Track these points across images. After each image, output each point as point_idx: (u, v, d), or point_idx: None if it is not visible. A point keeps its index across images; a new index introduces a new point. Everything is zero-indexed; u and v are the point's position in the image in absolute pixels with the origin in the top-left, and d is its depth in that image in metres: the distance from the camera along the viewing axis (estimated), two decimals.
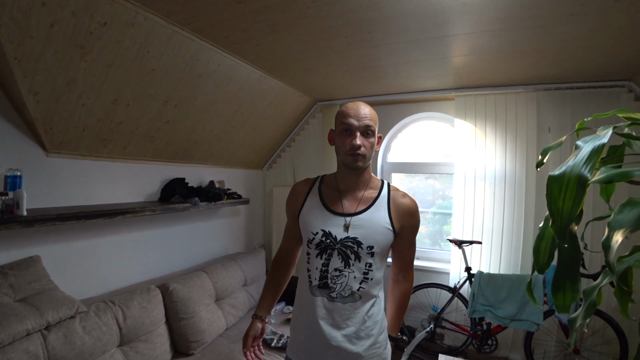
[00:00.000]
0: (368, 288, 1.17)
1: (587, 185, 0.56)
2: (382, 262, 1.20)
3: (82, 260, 2.06)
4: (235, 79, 2.43)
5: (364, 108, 1.17)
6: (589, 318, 0.73)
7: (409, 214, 1.24)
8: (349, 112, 1.16)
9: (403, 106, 3.33)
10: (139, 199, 2.41)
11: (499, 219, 2.87)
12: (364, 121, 1.14)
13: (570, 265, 0.69)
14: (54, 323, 1.59)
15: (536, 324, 2.47)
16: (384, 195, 1.24)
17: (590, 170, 0.56)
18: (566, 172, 0.59)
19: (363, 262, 1.16)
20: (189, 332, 2.17)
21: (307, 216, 1.24)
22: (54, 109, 1.72)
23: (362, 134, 1.15)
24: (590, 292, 0.74)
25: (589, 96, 2.61)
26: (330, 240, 1.17)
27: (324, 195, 1.26)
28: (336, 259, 1.16)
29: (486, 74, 2.58)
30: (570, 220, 0.57)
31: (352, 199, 1.23)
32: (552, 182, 0.61)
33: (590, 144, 0.61)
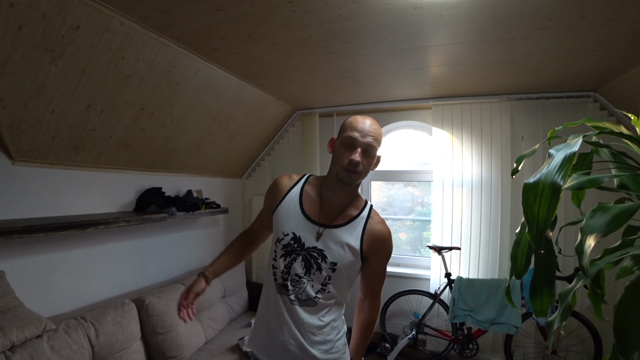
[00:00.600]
0: (324, 299, 1.17)
1: (561, 191, 0.58)
2: (341, 279, 1.18)
3: (51, 275, 1.96)
4: (214, 87, 2.40)
5: (372, 125, 1.15)
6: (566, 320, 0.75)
7: (380, 241, 1.21)
8: (356, 125, 1.14)
9: (382, 115, 3.38)
10: (113, 209, 2.33)
11: (477, 225, 2.93)
12: (368, 139, 1.12)
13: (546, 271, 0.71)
14: (19, 343, 1.50)
15: (515, 327, 2.52)
16: (363, 217, 1.21)
17: (563, 177, 0.58)
18: (541, 180, 0.61)
19: (323, 275, 1.15)
20: (167, 347, 2.09)
21: (282, 215, 1.22)
22: (21, 115, 1.64)
23: (363, 151, 1.12)
24: (566, 295, 0.76)
25: (559, 106, 2.73)
26: (298, 245, 1.17)
27: (305, 198, 1.23)
28: (299, 265, 1.16)
29: (462, 84, 2.66)
30: (545, 227, 0.59)
31: (332, 210, 1.20)
32: (527, 189, 0.62)
33: (562, 152, 0.63)
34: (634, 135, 0.83)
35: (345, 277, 1.18)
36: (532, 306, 0.74)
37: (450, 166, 3.01)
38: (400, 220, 3.65)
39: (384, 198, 3.71)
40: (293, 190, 1.26)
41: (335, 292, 1.18)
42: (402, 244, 3.61)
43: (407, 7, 1.56)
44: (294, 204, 1.22)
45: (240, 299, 2.99)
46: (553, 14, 1.58)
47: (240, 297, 2.99)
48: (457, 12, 1.60)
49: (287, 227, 1.19)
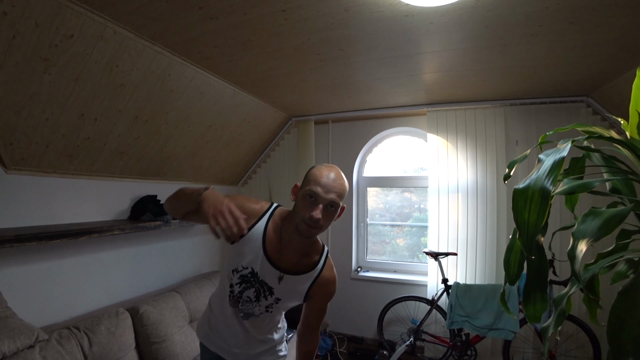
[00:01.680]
0: (268, 318, 1.31)
1: (551, 197, 0.58)
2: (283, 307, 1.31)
3: (44, 284, 1.93)
4: (208, 95, 2.41)
5: (337, 180, 1.13)
6: (561, 326, 0.75)
7: (325, 285, 1.28)
8: (319, 180, 1.11)
9: (377, 121, 3.40)
10: (108, 217, 2.31)
11: (473, 230, 2.93)
12: (331, 195, 1.10)
13: (538, 276, 0.71)
14: (10, 354, 1.47)
15: (513, 332, 2.51)
16: (318, 269, 1.26)
17: (553, 182, 0.58)
18: (530, 185, 0.61)
19: (269, 302, 1.25)
20: (162, 356, 2.06)
21: (245, 248, 1.21)
22: (14, 124, 1.63)
23: (324, 207, 1.10)
24: (560, 301, 0.76)
25: (552, 111, 2.76)
26: (254, 279, 1.23)
27: (267, 237, 1.21)
28: (251, 291, 1.24)
29: (456, 90, 2.68)
30: (536, 232, 0.59)
31: (291, 256, 1.22)
32: (517, 195, 0.62)
33: (552, 157, 0.63)
34: (624, 140, 0.83)
35: (286, 306, 1.31)
36: (525, 312, 0.74)
37: (446, 172, 3.02)
38: (398, 226, 3.64)
39: (381, 204, 3.71)
40: (258, 225, 1.22)
41: (277, 315, 1.35)
42: (400, 250, 3.61)
43: (398, 15, 1.58)
44: (257, 242, 1.21)
45: None
46: (543, 20, 1.60)
47: None
48: (448, 20, 1.62)
49: (247, 262, 1.22)
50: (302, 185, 1.17)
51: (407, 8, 1.52)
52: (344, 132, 3.54)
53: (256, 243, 1.20)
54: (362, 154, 3.55)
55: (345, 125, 3.53)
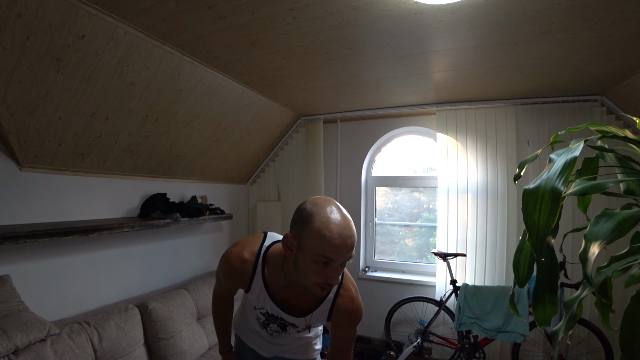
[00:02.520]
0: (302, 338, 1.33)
1: (563, 198, 0.57)
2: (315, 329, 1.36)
3: (56, 279, 1.97)
4: (217, 94, 2.42)
5: (351, 234, 0.92)
6: (571, 330, 0.73)
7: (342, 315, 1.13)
8: (333, 243, 0.89)
9: (385, 121, 3.38)
10: (118, 214, 2.34)
11: (483, 231, 2.90)
12: (349, 254, 0.93)
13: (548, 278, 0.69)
14: (22, 347, 1.50)
15: (522, 335, 2.47)
16: (330, 298, 1.12)
17: (564, 183, 0.57)
18: (540, 186, 0.60)
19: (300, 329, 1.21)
20: (169, 353, 2.08)
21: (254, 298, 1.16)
22: (28, 122, 1.67)
23: (341, 267, 0.96)
24: (571, 304, 0.74)
25: (565, 110, 2.70)
26: (272, 319, 1.19)
27: (270, 286, 1.12)
28: (275, 326, 1.21)
29: (466, 89, 2.65)
30: (546, 233, 0.58)
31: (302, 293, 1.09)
32: (527, 195, 0.61)
33: (563, 157, 0.62)
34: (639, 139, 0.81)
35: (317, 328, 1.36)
36: (534, 315, 0.72)
37: (455, 172, 2.99)
38: (407, 227, 3.62)
39: (390, 204, 3.69)
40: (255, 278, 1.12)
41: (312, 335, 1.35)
42: (409, 250, 3.58)
43: (407, 13, 1.56)
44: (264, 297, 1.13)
45: None
46: (555, 17, 1.57)
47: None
48: (457, 18, 1.60)
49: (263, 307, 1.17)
50: (302, 240, 0.94)
51: (416, 6, 1.51)
52: (352, 131, 3.53)
53: (263, 296, 1.13)
54: (371, 154, 3.54)
55: (353, 125, 3.52)
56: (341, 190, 3.56)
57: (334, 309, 1.12)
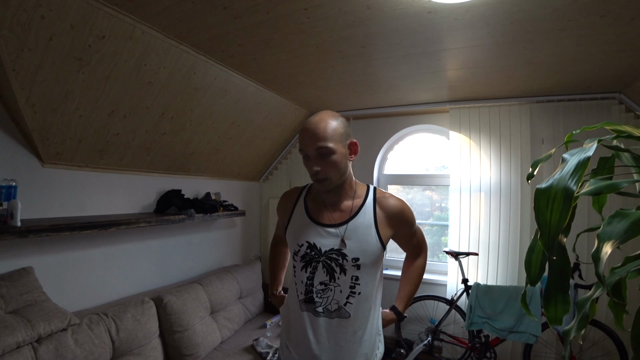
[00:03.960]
0: (357, 304, 1.11)
1: (576, 197, 0.57)
2: (371, 275, 1.14)
3: (75, 271, 2.04)
4: (232, 92, 2.46)
5: (318, 127, 1.07)
6: (584, 330, 0.73)
7: (398, 216, 1.19)
8: (303, 137, 1.09)
9: (398, 119, 3.37)
10: (135, 210, 2.40)
11: (495, 231, 2.87)
12: (317, 144, 1.05)
13: (560, 277, 0.69)
14: (45, 335, 1.56)
15: (534, 336, 2.45)
16: (370, 203, 1.18)
17: (577, 183, 0.57)
18: (553, 185, 0.60)
19: (349, 276, 1.10)
20: (183, 345, 2.14)
21: (293, 228, 1.22)
22: (50, 120, 1.73)
23: (318, 158, 1.08)
24: (583, 304, 0.74)
25: (581, 108, 2.66)
26: (315, 253, 1.13)
27: (309, 206, 1.23)
28: (321, 272, 1.12)
29: (479, 87, 2.63)
30: (557, 232, 0.58)
31: (337, 209, 1.18)
32: (539, 195, 0.61)
33: (576, 157, 0.62)
34: None
35: (371, 271, 1.14)
36: (546, 314, 0.73)
37: (468, 170, 2.96)
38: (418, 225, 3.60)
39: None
40: (298, 201, 1.26)
41: (367, 292, 1.13)
42: None
43: (421, 11, 1.56)
44: (301, 213, 1.22)
45: (256, 300, 3.02)
46: (572, 14, 1.54)
47: (255, 299, 3.02)
48: (472, 15, 1.59)
49: (300, 238, 1.17)
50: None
51: (430, 5, 1.50)
52: (365, 129, 3.53)
53: (302, 218, 1.21)
54: (383, 152, 3.54)
55: (366, 123, 3.52)
56: None
57: (377, 212, 1.17)
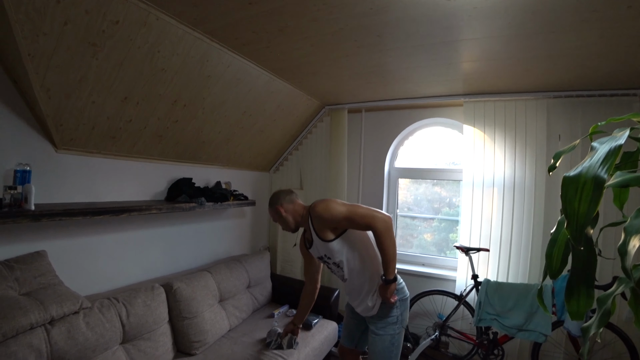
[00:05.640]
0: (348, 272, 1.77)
1: (604, 187, 0.54)
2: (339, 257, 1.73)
3: (87, 256, 2.07)
4: (244, 81, 2.44)
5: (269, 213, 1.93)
6: (603, 327, 0.71)
7: (321, 220, 1.69)
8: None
9: (411, 112, 3.32)
10: (146, 197, 2.42)
11: (508, 227, 2.83)
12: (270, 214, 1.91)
13: (585, 270, 0.67)
14: (57, 318, 1.59)
15: (544, 335, 2.42)
16: (310, 222, 1.75)
17: (607, 171, 0.55)
18: (582, 173, 0.57)
19: (331, 262, 1.80)
20: (192, 332, 2.16)
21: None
22: (64, 106, 1.74)
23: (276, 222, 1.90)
24: (605, 300, 0.72)
25: (600, 104, 2.58)
26: (321, 260, 1.87)
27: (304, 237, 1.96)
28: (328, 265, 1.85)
29: (496, 80, 2.57)
30: (586, 222, 0.56)
31: (308, 233, 1.86)
32: (567, 183, 0.59)
33: (607, 145, 0.59)
34: None
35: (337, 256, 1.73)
36: (567, 308, 0.70)
37: (481, 165, 2.92)
38: (426, 222, 3.58)
39: (410, 198, 3.65)
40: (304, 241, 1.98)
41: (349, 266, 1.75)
42: (427, 245, 3.55)
43: None
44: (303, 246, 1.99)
45: (265, 290, 3.04)
46: (597, 5, 1.49)
47: (264, 289, 3.03)
48: (492, 4, 1.54)
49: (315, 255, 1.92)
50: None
51: None
52: (377, 121, 3.49)
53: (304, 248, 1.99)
54: (395, 144, 3.50)
55: (378, 115, 3.48)
56: (364, 181, 3.55)
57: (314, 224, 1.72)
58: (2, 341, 1.37)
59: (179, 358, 2.11)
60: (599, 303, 0.72)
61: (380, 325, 1.74)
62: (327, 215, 1.67)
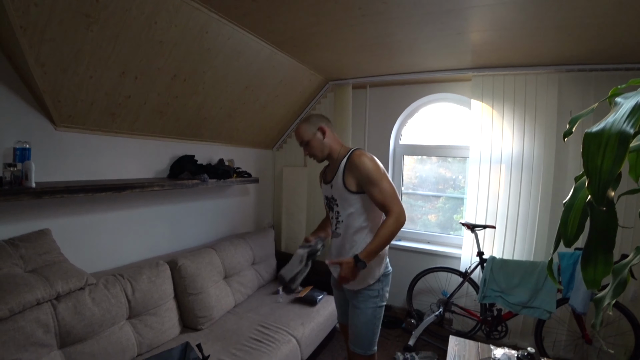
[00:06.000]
0: (343, 228, 1.70)
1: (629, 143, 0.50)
2: (347, 210, 1.66)
3: (91, 234, 2.07)
4: (245, 54, 2.37)
5: (297, 132, 1.74)
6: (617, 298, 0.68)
7: (355, 167, 1.60)
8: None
9: (417, 87, 3.23)
10: (148, 174, 2.40)
11: (514, 204, 2.79)
12: (299, 142, 1.74)
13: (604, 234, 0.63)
14: (63, 294, 1.61)
15: (548, 312, 2.42)
16: (344, 161, 1.66)
17: (634, 126, 0.50)
18: (605, 129, 0.53)
19: (335, 211, 1.73)
20: (197, 307, 2.18)
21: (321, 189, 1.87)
22: (61, 81, 1.69)
23: (304, 147, 1.74)
24: (620, 270, 0.68)
25: (615, 79, 2.47)
26: (328, 201, 1.79)
27: (326, 172, 1.84)
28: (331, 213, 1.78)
29: (506, 53, 2.46)
30: (610, 180, 0.51)
31: (332, 170, 1.75)
32: (589, 139, 0.54)
33: (633, 99, 0.54)
34: None
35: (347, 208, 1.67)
36: (583, 276, 0.67)
37: (489, 141, 2.85)
38: (430, 202, 3.54)
39: (415, 178, 3.59)
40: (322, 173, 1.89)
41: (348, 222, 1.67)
42: (431, 226, 3.52)
43: None
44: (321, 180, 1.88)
45: (269, 267, 3.06)
46: None
47: (269, 266, 3.05)
48: None
49: (323, 194, 1.84)
50: None
51: None
52: (382, 97, 3.41)
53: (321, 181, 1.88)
54: (400, 121, 3.42)
55: (383, 90, 3.39)
56: None
57: (346, 167, 1.65)
58: (9, 316, 1.39)
59: (186, 333, 2.15)
60: (614, 273, 0.69)
61: (361, 298, 1.70)
62: (363, 163, 1.58)
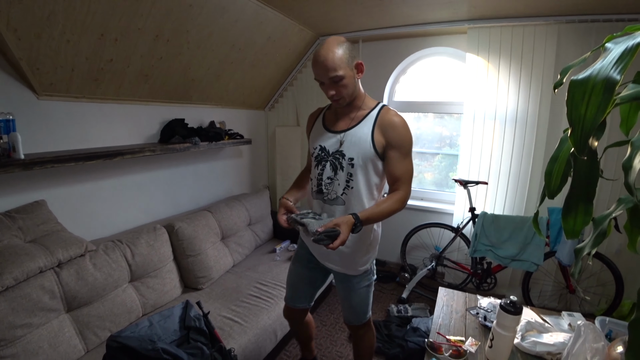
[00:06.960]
0: (350, 196, 1.37)
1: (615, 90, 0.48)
2: (364, 175, 1.35)
3: (86, 203, 2.07)
4: (230, 10, 2.25)
5: (327, 59, 1.24)
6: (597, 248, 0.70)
7: (391, 127, 1.33)
8: (316, 68, 1.28)
9: (411, 41, 3.11)
10: (139, 141, 2.37)
11: (507, 160, 2.80)
12: (329, 74, 1.25)
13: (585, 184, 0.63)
14: (65, 261, 1.64)
15: (536, 265, 2.51)
16: (373, 115, 1.37)
17: (621, 72, 0.48)
18: (591, 76, 0.51)
19: (345, 172, 1.37)
20: (197, 268, 2.25)
21: (312, 135, 1.53)
22: (37, 47, 1.61)
23: (332, 84, 1.28)
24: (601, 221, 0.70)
25: (617, 30, 2.28)
26: (325, 154, 1.41)
27: (326, 118, 1.51)
28: (328, 169, 1.40)
29: (504, 3, 2.35)
30: (592, 129, 0.51)
31: (346, 118, 1.42)
32: (574, 87, 0.53)
33: (623, 44, 0.52)
34: None
35: (364, 172, 1.35)
36: (563, 225, 0.68)
37: (484, 97, 2.80)
38: (427, 161, 3.54)
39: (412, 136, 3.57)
40: (319, 116, 1.55)
41: (359, 189, 1.36)
42: (427, 184, 3.55)
43: None
44: (318, 124, 1.51)
45: (266, 227, 3.11)
46: None
47: (265, 226, 3.11)
48: None
49: (315, 143, 1.47)
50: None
51: None
52: (374, 52, 3.29)
53: (318, 126, 1.51)
54: (394, 77, 3.33)
55: (376, 45, 3.27)
56: None
57: (377, 122, 1.35)
58: (15, 284, 1.44)
59: (187, 293, 2.23)
60: (594, 224, 0.71)
61: (355, 280, 1.52)
62: (402, 127, 1.34)
